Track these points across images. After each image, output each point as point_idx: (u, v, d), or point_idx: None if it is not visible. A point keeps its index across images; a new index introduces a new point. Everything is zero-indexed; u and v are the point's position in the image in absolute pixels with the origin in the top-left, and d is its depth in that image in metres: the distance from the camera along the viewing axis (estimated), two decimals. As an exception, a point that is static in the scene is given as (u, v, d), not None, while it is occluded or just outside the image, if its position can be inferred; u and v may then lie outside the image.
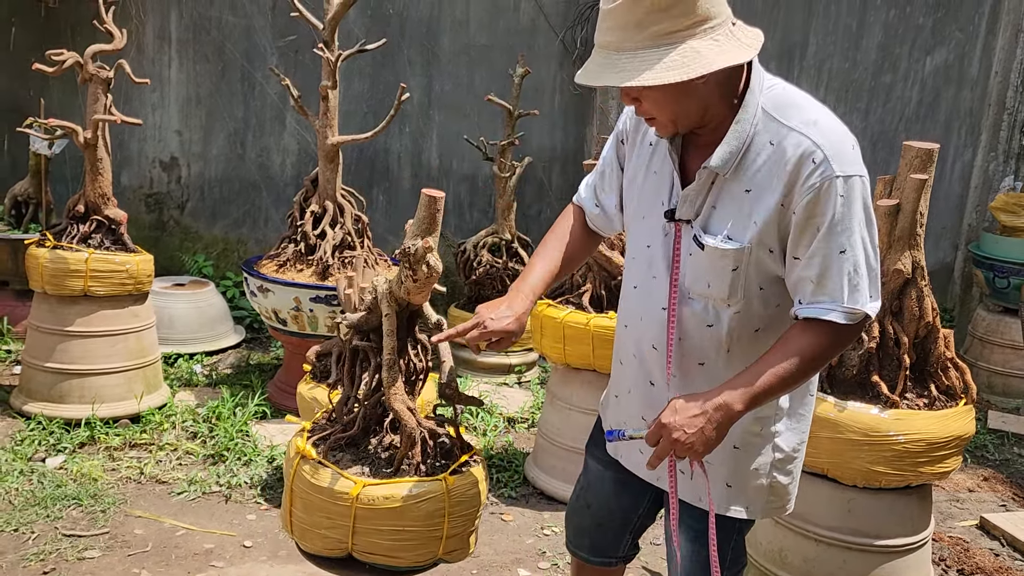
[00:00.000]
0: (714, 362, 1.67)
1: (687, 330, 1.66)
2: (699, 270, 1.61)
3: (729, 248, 1.56)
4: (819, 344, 1.55)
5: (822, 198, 1.48)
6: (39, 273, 3.88)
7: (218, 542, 3.10)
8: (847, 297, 1.52)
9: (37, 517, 3.13)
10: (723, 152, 1.55)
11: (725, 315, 1.63)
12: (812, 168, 1.49)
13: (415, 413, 1.95)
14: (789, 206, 1.52)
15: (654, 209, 1.71)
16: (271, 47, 5.91)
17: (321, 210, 4.30)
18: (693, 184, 1.61)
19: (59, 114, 4.98)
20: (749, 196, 1.55)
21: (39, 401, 3.92)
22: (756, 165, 1.55)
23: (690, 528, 1.82)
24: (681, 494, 1.77)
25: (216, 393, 4.45)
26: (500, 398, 4.75)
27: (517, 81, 5.23)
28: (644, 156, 1.76)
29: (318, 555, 1.94)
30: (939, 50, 6.25)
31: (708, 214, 1.60)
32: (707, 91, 1.52)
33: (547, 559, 3.18)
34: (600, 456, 2.00)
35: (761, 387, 1.53)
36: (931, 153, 2.50)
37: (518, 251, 5.30)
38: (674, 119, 1.56)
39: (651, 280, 1.71)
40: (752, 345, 1.65)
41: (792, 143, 1.51)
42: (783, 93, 1.58)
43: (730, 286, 1.58)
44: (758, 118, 1.55)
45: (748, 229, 1.55)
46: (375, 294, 1.96)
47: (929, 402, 2.63)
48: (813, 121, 1.53)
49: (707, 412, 1.53)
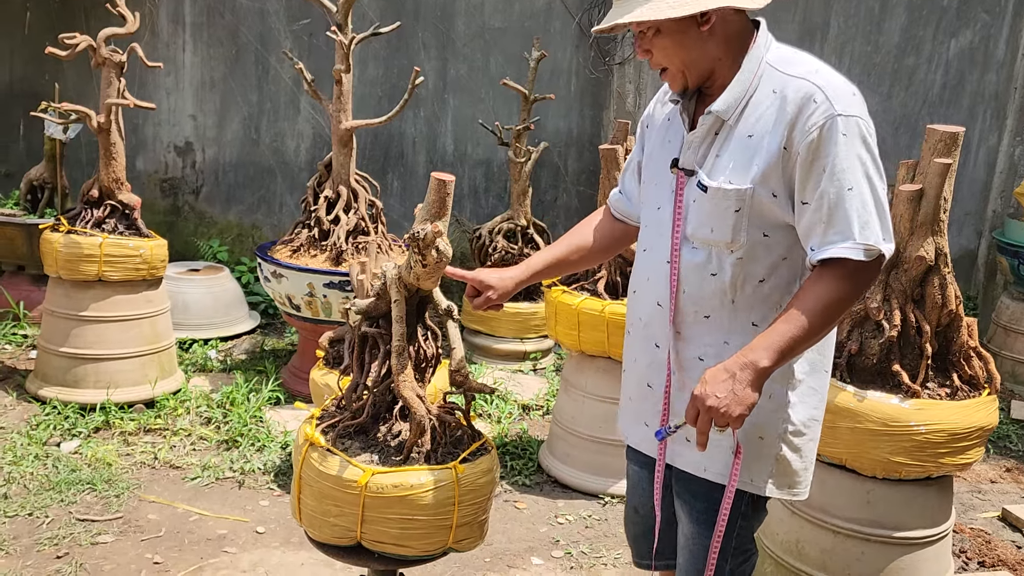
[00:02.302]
0: (719, 314, 1.67)
1: (690, 281, 1.68)
2: (702, 215, 1.65)
3: (731, 188, 1.60)
4: (838, 287, 1.55)
5: (824, 136, 1.53)
6: (53, 258, 3.88)
7: (231, 528, 3.09)
8: (858, 233, 1.54)
9: (51, 501, 3.14)
10: (727, 97, 1.61)
11: (728, 262, 1.64)
12: (813, 108, 1.54)
13: (424, 401, 1.92)
14: (792, 147, 1.56)
15: (665, 171, 1.75)
16: (285, 30, 5.87)
17: (335, 195, 4.27)
18: (697, 130, 1.66)
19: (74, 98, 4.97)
20: (751, 141, 1.60)
21: (54, 386, 3.94)
22: (758, 112, 1.60)
23: (691, 506, 1.80)
24: (683, 464, 1.78)
25: (230, 378, 4.45)
26: (515, 385, 4.72)
27: (533, 65, 5.17)
28: (661, 131, 1.82)
29: (327, 543, 1.92)
30: (964, 32, 6.11)
31: (713, 162, 1.65)
32: (714, 44, 1.60)
33: (561, 548, 3.16)
34: (636, 458, 1.99)
35: (785, 339, 1.54)
36: (956, 137, 2.43)
37: (533, 237, 5.26)
38: (683, 68, 1.63)
39: (658, 239, 1.75)
40: (756, 297, 1.66)
41: (793, 88, 1.57)
42: (790, 52, 1.66)
43: (733, 228, 1.61)
44: (763, 70, 1.62)
45: (750, 171, 1.59)
46: (384, 280, 1.93)
47: (951, 392, 2.57)
48: (815, 70, 1.59)
49: (734, 373, 1.55)
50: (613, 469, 3.55)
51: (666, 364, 1.75)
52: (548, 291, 3.67)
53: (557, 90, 5.99)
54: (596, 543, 3.20)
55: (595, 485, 3.56)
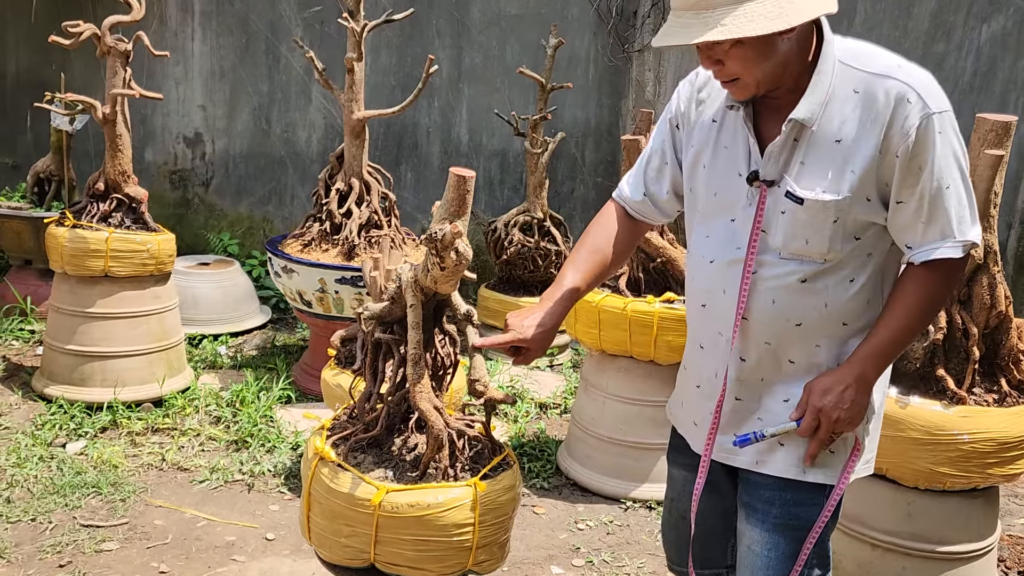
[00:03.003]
0: (811, 320, 1.62)
1: (779, 292, 1.62)
2: (796, 227, 1.57)
3: (830, 200, 1.53)
4: (938, 287, 1.57)
5: (922, 137, 1.48)
6: (59, 253, 3.78)
7: (240, 534, 2.99)
8: (956, 229, 1.54)
9: (55, 506, 3.04)
10: (809, 103, 1.53)
11: (820, 269, 1.59)
12: (908, 108, 1.48)
13: (442, 413, 1.79)
14: (888, 150, 1.50)
15: (730, 182, 1.65)
16: (296, 18, 5.74)
17: (347, 188, 4.15)
18: (778, 139, 1.57)
19: (81, 89, 4.87)
20: (841, 146, 1.53)
21: (60, 384, 3.84)
22: (843, 114, 1.53)
23: (766, 513, 1.69)
24: (770, 469, 1.68)
25: (240, 376, 4.34)
26: (531, 383, 4.59)
27: (550, 52, 5.02)
28: (707, 134, 1.70)
29: (338, 565, 1.80)
30: (996, 17, 5.91)
31: (798, 170, 1.57)
32: (788, 47, 1.51)
33: (581, 555, 3.03)
34: (682, 462, 1.90)
35: (889, 346, 1.58)
36: (1008, 127, 2.28)
37: (550, 230, 5.12)
38: (760, 79, 1.53)
39: (732, 251, 1.66)
40: (846, 296, 1.61)
41: (881, 87, 1.50)
42: (853, 44, 1.58)
43: (830, 239, 1.56)
44: (837, 68, 1.54)
45: (846, 179, 1.53)
46: (399, 283, 1.80)
47: (999, 398, 2.42)
48: (897, 65, 1.53)
49: (850, 384, 1.57)
50: (635, 472, 3.42)
51: (753, 375, 1.69)
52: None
53: (575, 78, 5.84)
54: (618, 551, 3.08)
55: (616, 489, 3.43)
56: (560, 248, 5.09)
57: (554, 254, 5.09)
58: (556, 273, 5.04)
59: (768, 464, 1.68)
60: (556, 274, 5.15)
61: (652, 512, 3.36)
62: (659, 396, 3.38)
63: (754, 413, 1.69)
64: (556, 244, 5.09)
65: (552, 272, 5.12)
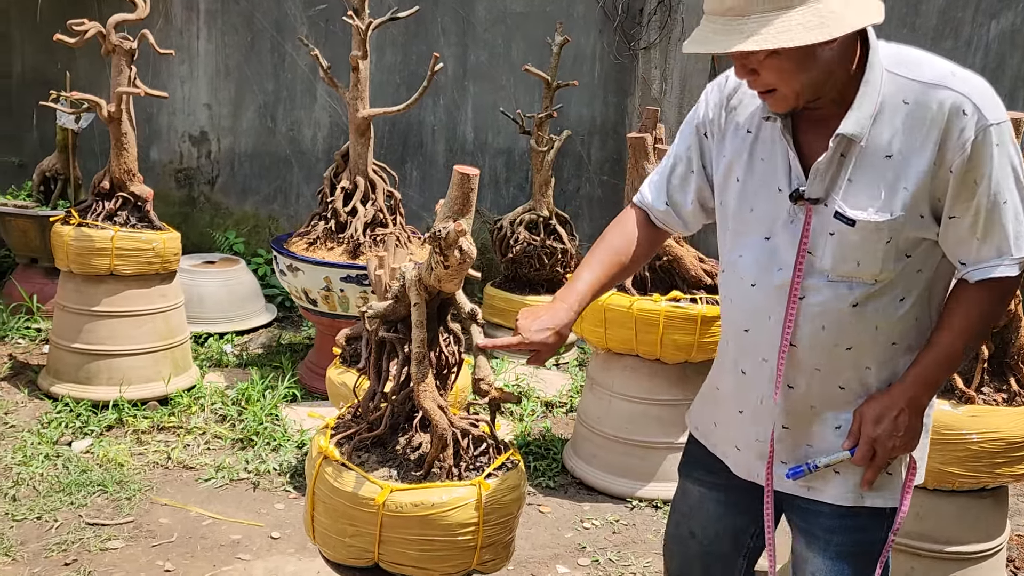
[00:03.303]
0: (862, 342, 1.54)
1: (829, 316, 1.53)
2: (846, 248, 1.48)
3: (883, 220, 1.44)
4: (991, 305, 1.51)
5: (979, 151, 1.40)
6: (64, 251, 3.78)
7: (245, 533, 2.99)
8: (1014, 246, 1.46)
9: (61, 504, 3.04)
10: (857, 116, 1.43)
11: (871, 291, 1.51)
12: (964, 121, 1.39)
13: (447, 412, 1.78)
14: (943, 164, 1.42)
15: (769, 197, 1.56)
16: (301, 16, 5.74)
17: (352, 186, 4.14)
18: (824, 156, 1.47)
19: (87, 87, 4.87)
20: (893, 162, 1.44)
21: (66, 382, 3.85)
22: (893, 128, 1.43)
23: (827, 541, 1.61)
24: (827, 497, 1.59)
25: (246, 374, 4.34)
26: (537, 381, 4.58)
27: (556, 50, 5.00)
28: (741, 145, 1.60)
29: (342, 564, 1.79)
30: (1005, 14, 5.87)
31: (846, 188, 1.47)
32: (830, 57, 1.40)
33: (587, 555, 3.02)
34: (701, 478, 1.82)
35: (942, 367, 1.52)
36: (1019, 122, 2.25)
37: (556, 228, 5.11)
38: (799, 90, 1.43)
39: (776, 272, 1.56)
40: (897, 316, 1.53)
41: (935, 98, 1.41)
42: (898, 50, 1.48)
43: (882, 260, 1.47)
44: (884, 78, 1.43)
45: (899, 197, 1.44)
46: (403, 281, 1.79)
47: (1008, 397, 2.41)
48: (950, 72, 1.42)
49: (903, 408, 1.52)
50: (641, 471, 3.41)
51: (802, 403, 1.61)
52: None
53: (580, 76, 5.83)
54: (624, 550, 3.07)
55: (622, 488, 3.42)
56: (566, 246, 5.08)
57: (560, 252, 5.07)
58: (562, 271, 5.07)
59: (822, 491, 1.61)
60: (562, 272, 5.16)
61: (658, 511, 3.34)
62: (665, 395, 3.37)
63: (803, 440, 1.62)
64: (562, 242, 5.08)
65: (558, 270, 5.10)
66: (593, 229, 6.25)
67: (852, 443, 1.55)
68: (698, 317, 3.19)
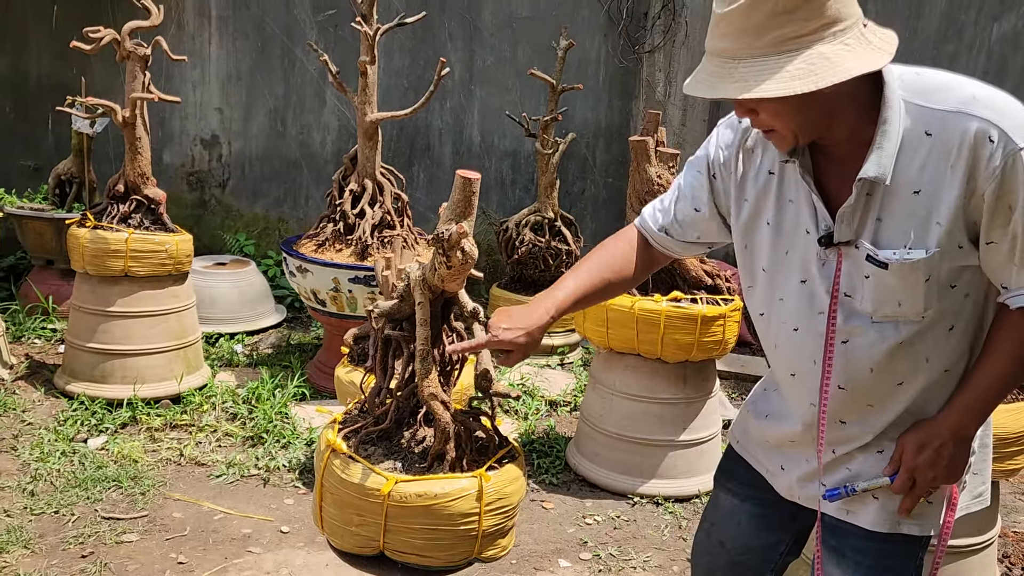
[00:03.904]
0: (914, 377, 1.50)
1: (876, 358, 1.49)
2: (885, 290, 1.44)
3: (919, 259, 1.39)
4: None
5: (1009, 176, 1.33)
6: (80, 253, 3.88)
7: (255, 527, 3.07)
8: None
9: (78, 499, 3.13)
10: (878, 157, 1.38)
11: (917, 327, 1.47)
12: (991, 148, 1.32)
13: (449, 407, 1.86)
14: (975, 194, 1.36)
15: (800, 240, 1.52)
16: (311, 21, 5.83)
17: (360, 189, 4.22)
18: (849, 200, 1.42)
19: (101, 93, 4.97)
20: (922, 197, 1.38)
21: (82, 381, 3.94)
22: (918, 162, 1.38)
23: (857, 563, 1.60)
24: (863, 522, 1.58)
25: (256, 373, 4.43)
26: (542, 380, 4.65)
27: (561, 54, 5.07)
28: (765, 187, 1.57)
29: (349, 552, 1.87)
30: (1008, 16, 5.91)
31: (875, 228, 1.43)
32: (833, 98, 1.36)
33: (589, 549, 3.09)
34: (735, 489, 1.82)
35: (988, 396, 1.47)
36: None
37: (561, 230, 5.18)
38: (796, 131, 1.40)
39: (817, 316, 1.53)
40: (948, 346, 1.49)
41: (958, 128, 1.34)
42: (918, 78, 1.41)
43: (924, 298, 1.43)
44: (902, 112, 1.38)
45: (932, 233, 1.39)
46: (407, 281, 1.86)
47: (999, 395, 2.46)
48: (971, 96, 1.35)
49: (946, 441, 1.48)
50: (642, 468, 3.48)
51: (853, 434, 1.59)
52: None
53: (585, 80, 5.90)
54: (625, 545, 3.13)
55: (624, 485, 3.48)
56: (571, 248, 5.15)
57: (565, 253, 5.14)
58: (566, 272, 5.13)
59: (858, 515, 1.58)
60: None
61: (659, 508, 3.41)
62: (665, 393, 3.43)
63: (844, 463, 1.59)
64: (567, 244, 5.15)
65: (563, 271, 5.13)
66: (597, 231, 6.32)
67: (893, 469, 1.52)
68: (698, 317, 3.26)
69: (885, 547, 1.57)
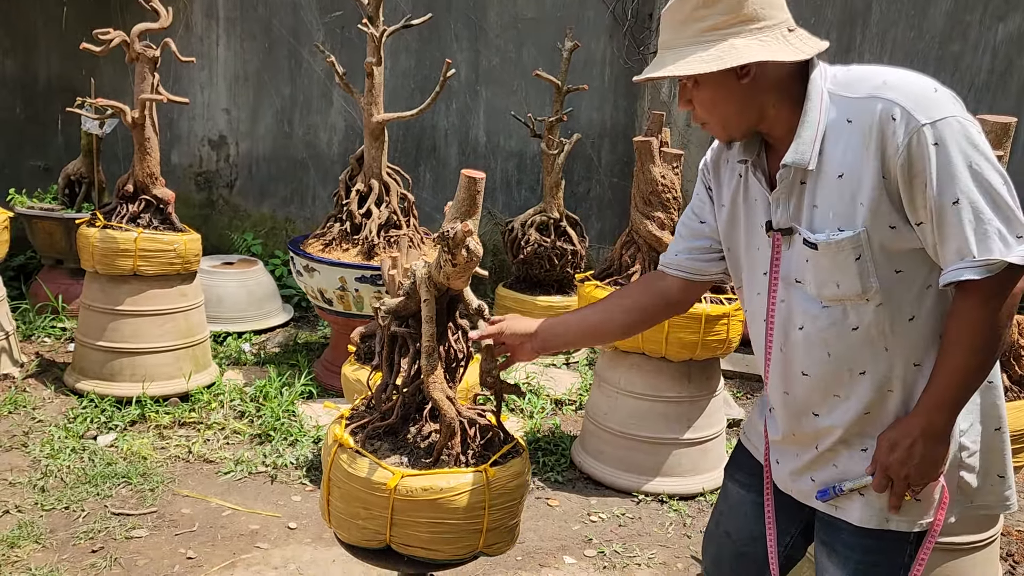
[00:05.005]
0: (875, 367, 1.53)
1: (832, 342, 1.54)
2: (822, 272, 1.51)
3: (843, 238, 1.46)
4: (976, 314, 1.41)
5: (914, 153, 1.38)
6: (90, 253, 3.92)
7: (263, 523, 3.10)
8: (976, 249, 1.38)
9: (87, 495, 3.17)
10: (797, 145, 1.49)
11: (869, 312, 1.50)
12: (894, 126, 1.39)
13: (455, 402, 1.88)
14: (890, 174, 1.41)
15: (761, 235, 1.62)
16: (317, 23, 5.87)
17: (367, 189, 4.25)
18: (779, 187, 1.54)
19: (110, 94, 5.02)
20: (845, 180, 1.46)
21: (91, 379, 3.98)
22: (840, 147, 1.46)
23: (846, 557, 1.63)
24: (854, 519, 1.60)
25: (264, 372, 4.46)
26: (548, 379, 4.68)
27: (566, 55, 5.10)
28: (736, 189, 1.68)
29: (356, 546, 1.90)
30: (1012, 16, 5.91)
31: (811, 214, 1.51)
32: (759, 93, 1.50)
33: (593, 546, 3.11)
34: (743, 480, 1.87)
35: (950, 388, 1.46)
36: (1007, 128, 2.33)
37: (566, 230, 5.20)
38: (723, 122, 1.55)
39: (780, 304, 1.62)
40: (911, 336, 1.51)
41: (867, 111, 1.42)
42: (847, 73, 1.50)
43: (860, 277, 1.47)
44: (825, 103, 1.48)
45: (858, 213, 1.45)
46: (413, 279, 1.89)
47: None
48: (882, 82, 1.44)
49: (916, 440, 1.48)
50: (647, 466, 3.50)
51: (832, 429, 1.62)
52: (581, 285, 3.62)
53: (590, 80, 5.92)
54: (629, 542, 3.15)
55: (628, 482, 3.51)
56: (576, 247, 5.17)
57: (570, 253, 5.16)
58: (571, 272, 5.16)
59: (847, 511, 1.61)
60: (571, 273, 5.24)
61: (663, 505, 3.43)
62: (669, 392, 3.45)
63: (831, 461, 1.63)
64: (572, 244, 5.17)
65: (568, 271, 5.19)
66: (603, 231, 6.35)
67: (873, 468, 1.55)
68: (702, 316, 3.28)
69: (873, 543, 1.60)
